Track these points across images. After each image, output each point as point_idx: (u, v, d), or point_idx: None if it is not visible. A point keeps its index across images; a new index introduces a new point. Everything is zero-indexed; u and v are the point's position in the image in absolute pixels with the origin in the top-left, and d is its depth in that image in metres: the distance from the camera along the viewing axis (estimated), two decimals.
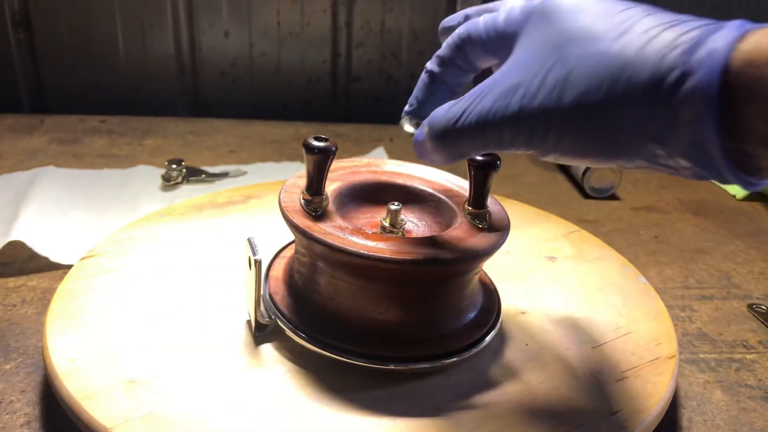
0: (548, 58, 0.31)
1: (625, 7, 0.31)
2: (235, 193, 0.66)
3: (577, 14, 0.31)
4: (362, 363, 0.41)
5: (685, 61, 0.27)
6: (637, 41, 0.28)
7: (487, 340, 0.44)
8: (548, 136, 0.31)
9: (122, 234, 0.56)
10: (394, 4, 1.01)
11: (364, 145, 0.92)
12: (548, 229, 0.62)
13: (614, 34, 0.29)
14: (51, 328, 0.43)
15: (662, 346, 0.46)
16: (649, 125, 0.28)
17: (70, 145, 0.87)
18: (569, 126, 0.30)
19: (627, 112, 0.28)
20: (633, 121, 0.28)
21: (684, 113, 0.27)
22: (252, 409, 0.38)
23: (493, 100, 0.32)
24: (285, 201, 0.43)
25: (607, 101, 0.29)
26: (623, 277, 0.55)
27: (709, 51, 0.26)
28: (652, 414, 0.39)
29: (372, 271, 0.40)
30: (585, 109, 0.29)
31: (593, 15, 0.31)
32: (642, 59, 0.28)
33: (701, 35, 0.27)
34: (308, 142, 0.41)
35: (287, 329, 0.43)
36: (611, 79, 0.28)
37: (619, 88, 0.28)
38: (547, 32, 0.32)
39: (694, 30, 0.28)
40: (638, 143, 0.29)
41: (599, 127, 0.29)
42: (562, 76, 0.30)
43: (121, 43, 0.99)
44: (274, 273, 0.47)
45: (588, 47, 0.30)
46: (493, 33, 0.35)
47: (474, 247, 0.40)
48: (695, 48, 0.27)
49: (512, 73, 0.32)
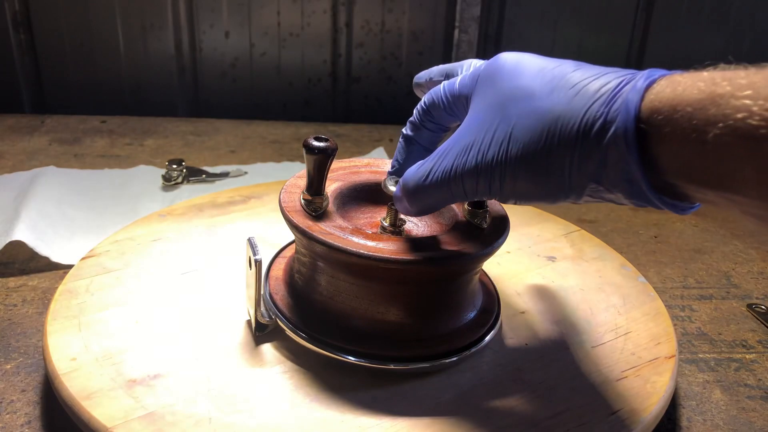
0: (495, 117, 0.35)
1: (557, 64, 0.35)
2: (235, 193, 0.66)
3: (515, 76, 0.36)
4: (362, 363, 0.41)
5: (606, 112, 0.31)
6: (566, 96, 0.32)
7: (487, 340, 0.44)
8: (504, 184, 0.35)
9: (123, 234, 0.57)
10: (394, 4, 1.01)
11: (364, 145, 0.92)
12: (547, 229, 0.62)
13: (547, 90, 0.33)
14: (51, 328, 0.44)
15: (662, 345, 0.46)
16: (585, 167, 0.32)
17: (71, 146, 0.87)
18: (520, 174, 0.34)
19: (565, 158, 0.32)
20: (571, 164, 0.32)
21: (611, 155, 0.30)
22: (252, 408, 0.38)
23: (454, 158, 0.36)
24: (285, 201, 0.43)
25: (546, 150, 0.33)
26: (622, 276, 0.55)
27: (624, 101, 0.30)
28: (651, 413, 0.40)
29: (372, 271, 0.40)
30: (529, 158, 0.33)
31: (529, 75, 0.35)
32: (571, 112, 0.32)
33: (618, 86, 0.31)
34: (308, 142, 0.41)
35: (287, 329, 0.43)
36: (548, 132, 0.33)
37: (555, 138, 0.32)
38: (492, 94, 0.36)
39: (613, 80, 0.31)
40: (579, 183, 0.32)
41: (544, 172, 0.33)
42: (508, 132, 0.34)
43: (121, 44, 0.99)
44: (274, 273, 0.47)
45: (526, 105, 0.34)
46: (451, 98, 0.41)
47: (474, 247, 0.40)
48: (613, 99, 0.31)
49: (467, 133, 0.36)
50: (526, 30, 1.04)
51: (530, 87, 0.34)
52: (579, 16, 1.03)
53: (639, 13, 1.03)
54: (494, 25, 1.03)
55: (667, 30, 1.04)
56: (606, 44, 1.04)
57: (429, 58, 1.04)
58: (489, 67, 0.38)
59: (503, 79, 0.36)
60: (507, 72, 0.36)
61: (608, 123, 0.30)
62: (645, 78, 0.30)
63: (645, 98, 0.29)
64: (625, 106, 0.30)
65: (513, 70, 0.36)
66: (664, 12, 1.03)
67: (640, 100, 0.29)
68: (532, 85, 0.34)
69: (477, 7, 1.00)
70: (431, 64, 0.47)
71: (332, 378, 0.41)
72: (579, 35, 1.04)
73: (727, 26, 1.03)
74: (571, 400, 0.40)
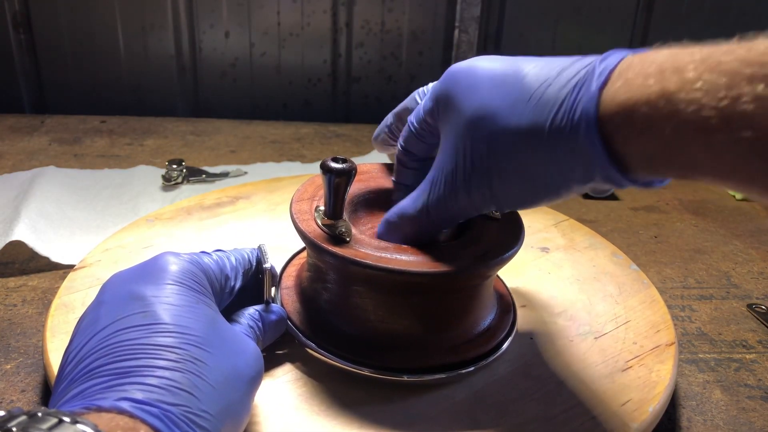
0: (465, 140, 0.36)
1: (506, 68, 0.35)
2: (222, 194, 0.66)
3: (471, 93, 0.36)
4: (377, 375, 0.40)
5: (569, 121, 0.31)
6: (526, 109, 0.33)
7: (504, 348, 0.43)
8: (497, 197, 0.36)
9: (112, 242, 0.56)
10: (394, 4, 1.01)
11: (364, 145, 0.92)
12: (537, 219, 0.63)
13: (506, 106, 0.34)
14: (51, 345, 0.43)
15: (661, 333, 0.47)
16: (564, 172, 0.33)
17: (71, 146, 0.87)
18: (507, 189, 0.35)
19: (542, 167, 0.33)
20: (549, 169, 0.33)
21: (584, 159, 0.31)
22: (259, 416, 0.38)
23: (443, 185, 0.38)
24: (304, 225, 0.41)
25: (522, 165, 0.34)
26: (615, 265, 0.56)
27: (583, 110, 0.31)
28: (659, 402, 0.40)
29: (392, 284, 0.39)
30: (510, 172, 0.35)
31: (484, 90, 0.35)
32: (536, 127, 0.32)
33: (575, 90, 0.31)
34: (329, 165, 0.38)
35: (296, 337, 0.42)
36: (521, 148, 0.33)
37: (529, 152, 0.33)
38: (456, 116, 0.37)
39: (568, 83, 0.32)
40: (562, 184, 0.34)
41: (529, 181, 0.34)
42: (484, 152, 0.35)
43: (121, 44, 0.99)
44: (284, 281, 0.47)
45: (492, 125, 0.34)
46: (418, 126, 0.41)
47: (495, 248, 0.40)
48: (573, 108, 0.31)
49: (447, 159, 0.37)
50: (526, 30, 1.04)
51: (490, 105, 0.34)
52: (579, 16, 1.03)
53: (639, 13, 1.03)
54: (494, 25, 1.03)
55: (667, 30, 1.04)
56: (606, 44, 1.04)
57: (429, 58, 1.04)
58: (444, 86, 0.38)
59: (461, 98, 0.36)
60: (462, 90, 0.36)
61: (573, 130, 0.31)
62: (598, 76, 0.30)
63: (602, 103, 0.30)
64: (585, 116, 0.30)
65: (467, 86, 0.36)
66: (664, 12, 1.03)
67: (596, 108, 0.30)
68: (490, 103, 0.34)
69: (477, 7, 1.00)
70: (431, 64, 0.47)
71: (341, 388, 0.40)
72: (579, 35, 1.04)
73: (727, 26, 1.03)
74: (582, 392, 0.41)
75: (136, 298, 0.32)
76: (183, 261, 0.35)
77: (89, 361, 0.29)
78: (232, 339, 0.33)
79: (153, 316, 0.31)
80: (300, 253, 0.50)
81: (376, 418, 0.38)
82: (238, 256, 0.41)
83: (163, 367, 0.28)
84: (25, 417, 0.25)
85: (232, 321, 0.38)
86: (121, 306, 0.32)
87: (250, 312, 0.40)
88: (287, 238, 0.50)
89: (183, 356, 0.29)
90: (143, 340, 0.29)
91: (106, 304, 0.32)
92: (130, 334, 0.30)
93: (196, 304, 0.33)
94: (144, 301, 0.32)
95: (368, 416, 0.38)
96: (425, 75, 1.05)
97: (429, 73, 1.05)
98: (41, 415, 0.25)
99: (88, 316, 0.32)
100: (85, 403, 0.27)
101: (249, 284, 0.41)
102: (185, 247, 0.55)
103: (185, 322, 0.31)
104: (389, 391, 0.40)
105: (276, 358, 0.43)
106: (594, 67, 0.31)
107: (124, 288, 0.33)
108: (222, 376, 0.30)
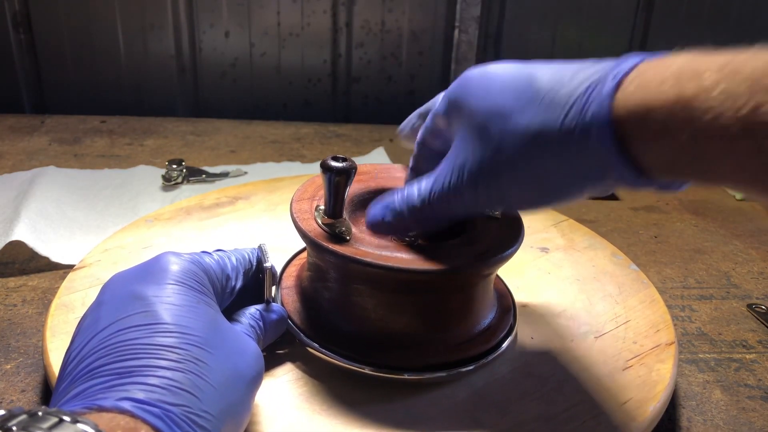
0: (475, 139, 0.36)
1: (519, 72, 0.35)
2: (221, 194, 0.65)
3: (484, 94, 0.36)
4: (378, 374, 0.40)
5: (581, 121, 0.31)
6: (538, 110, 0.33)
7: (504, 347, 0.43)
8: (505, 198, 0.36)
9: (111, 242, 0.56)
10: (394, 4, 1.01)
11: (364, 145, 0.92)
12: (537, 219, 0.63)
13: (518, 107, 0.34)
14: (52, 345, 0.43)
15: (661, 332, 0.47)
16: (576, 174, 0.33)
17: (71, 146, 0.87)
18: (516, 189, 0.35)
19: (553, 169, 0.33)
20: (560, 171, 0.33)
21: (597, 161, 0.31)
22: (260, 416, 0.38)
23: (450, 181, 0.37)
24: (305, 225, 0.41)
25: (533, 166, 0.34)
26: (615, 265, 0.56)
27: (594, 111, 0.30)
28: (660, 401, 0.40)
29: (393, 283, 0.39)
30: (520, 172, 0.34)
31: (497, 91, 0.35)
32: (547, 128, 0.32)
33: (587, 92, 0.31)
34: (329, 164, 0.39)
35: (297, 336, 0.42)
36: (531, 148, 0.33)
37: (539, 153, 0.33)
38: (468, 115, 0.37)
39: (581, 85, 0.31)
40: (573, 185, 0.33)
41: (539, 182, 0.34)
42: (494, 151, 0.35)
43: (121, 44, 0.99)
44: (285, 281, 0.47)
45: (503, 125, 0.34)
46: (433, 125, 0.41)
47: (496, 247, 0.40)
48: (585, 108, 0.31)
49: (457, 155, 0.37)
50: (526, 30, 1.04)
51: (501, 105, 0.34)
52: (579, 16, 1.03)
53: (639, 13, 1.03)
54: (494, 25, 1.03)
55: (667, 30, 1.04)
56: (606, 44, 1.04)
57: (429, 58, 1.04)
58: (457, 88, 0.38)
59: (473, 98, 0.36)
60: (475, 91, 0.37)
61: (584, 131, 0.31)
62: (611, 78, 0.30)
63: (615, 106, 0.30)
64: (596, 117, 0.30)
65: (480, 87, 0.36)
66: (664, 12, 1.03)
67: (609, 109, 0.30)
68: (503, 103, 0.34)
69: (477, 7, 1.00)
70: (431, 64, 0.47)
71: (343, 388, 0.40)
72: (579, 35, 1.04)
73: (727, 26, 1.03)
74: (582, 392, 0.41)
75: (137, 298, 0.32)
76: (184, 261, 0.35)
77: (90, 361, 0.29)
78: (233, 339, 0.33)
79: (154, 316, 0.31)
80: (300, 253, 0.50)
81: (377, 418, 0.38)
82: (238, 256, 0.41)
83: (164, 367, 0.29)
84: (26, 416, 0.25)
85: (232, 321, 0.38)
86: (122, 306, 0.32)
87: (250, 311, 0.40)
88: (287, 238, 0.50)
89: (184, 356, 0.29)
90: (144, 340, 0.29)
91: (107, 304, 0.32)
92: (131, 333, 0.30)
93: (197, 304, 0.33)
94: (145, 301, 0.32)
95: (369, 415, 0.38)
96: (425, 75, 1.05)
97: (429, 73, 1.05)
98: (42, 415, 0.25)
99: (89, 316, 0.32)
100: (86, 402, 0.27)
101: (250, 284, 0.41)
102: (185, 248, 0.55)
103: (186, 322, 0.31)
104: (390, 390, 0.40)
105: (277, 357, 0.43)
106: (608, 70, 0.31)
107: (125, 288, 0.33)
108: (223, 376, 0.30)
